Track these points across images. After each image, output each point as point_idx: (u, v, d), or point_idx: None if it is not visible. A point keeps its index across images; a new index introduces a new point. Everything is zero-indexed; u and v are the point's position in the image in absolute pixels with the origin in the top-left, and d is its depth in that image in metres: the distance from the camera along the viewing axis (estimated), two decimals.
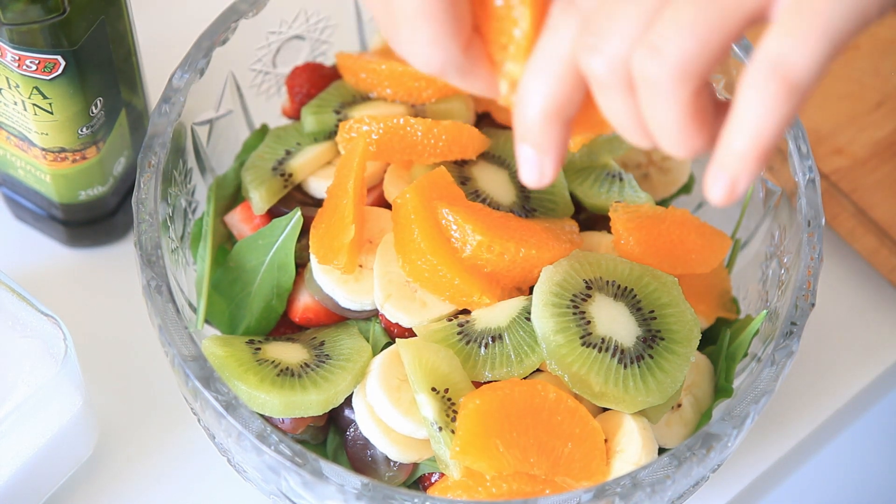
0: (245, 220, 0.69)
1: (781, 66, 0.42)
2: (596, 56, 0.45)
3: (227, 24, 0.68)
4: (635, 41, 0.44)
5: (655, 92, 0.44)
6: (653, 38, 0.43)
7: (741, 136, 0.43)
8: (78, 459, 0.71)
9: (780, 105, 0.42)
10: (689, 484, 0.59)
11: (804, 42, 0.41)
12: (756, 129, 0.43)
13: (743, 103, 0.43)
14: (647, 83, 0.44)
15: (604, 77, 0.45)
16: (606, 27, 0.44)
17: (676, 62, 0.43)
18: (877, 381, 0.77)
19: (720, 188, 0.45)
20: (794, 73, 0.42)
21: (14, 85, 0.66)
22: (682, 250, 0.66)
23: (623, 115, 0.46)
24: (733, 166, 0.44)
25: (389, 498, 0.55)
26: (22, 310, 0.64)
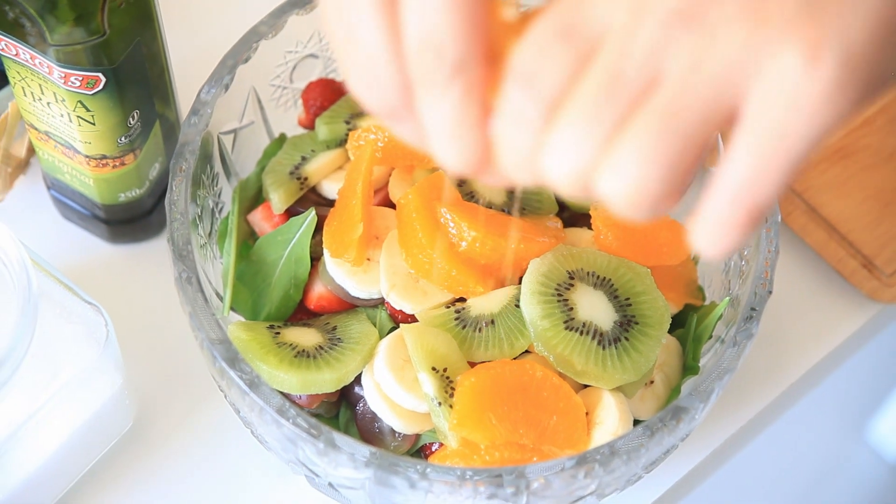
0: (266, 219, 0.69)
1: (745, 194, 0.37)
2: (555, 164, 0.39)
3: (250, 45, 0.68)
4: (599, 152, 0.38)
5: (622, 206, 0.39)
6: (613, 161, 0.38)
7: (705, 244, 0.39)
8: (119, 430, 0.70)
9: (742, 225, 0.38)
10: (660, 451, 0.59)
11: (769, 172, 0.37)
12: (720, 243, 0.39)
13: (708, 219, 0.39)
14: (612, 199, 0.39)
15: (560, 182, 0.40)
16: (570, 132, 0.38)
17: (637, 188, 0.38)
18: (826, 359, 0.77)
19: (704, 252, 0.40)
20: (757, 199, 0.38)
21: (61, 99, 0.66)
22: (655, 244, 0.66)
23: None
24: (709, 240, 0.39)
25: (395, 465, 0.55)
26: (68, 299, 0.64)
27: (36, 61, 0.64)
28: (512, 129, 0.39)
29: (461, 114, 0.40)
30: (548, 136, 0.39)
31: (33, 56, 0.64)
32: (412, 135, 0.43)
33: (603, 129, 0.38)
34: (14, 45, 0.64)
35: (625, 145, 0.37)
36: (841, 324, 0.77)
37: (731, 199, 0.38)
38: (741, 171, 0.37)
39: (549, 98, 0.38)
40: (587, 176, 0.39)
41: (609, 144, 0.38)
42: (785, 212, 0.79)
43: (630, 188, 0.38)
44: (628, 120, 0.37)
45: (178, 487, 0.70)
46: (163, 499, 0.70)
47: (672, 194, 0.38)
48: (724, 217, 0.38)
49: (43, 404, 0.61)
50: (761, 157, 0.37)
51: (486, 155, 0.41)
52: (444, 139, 0.41)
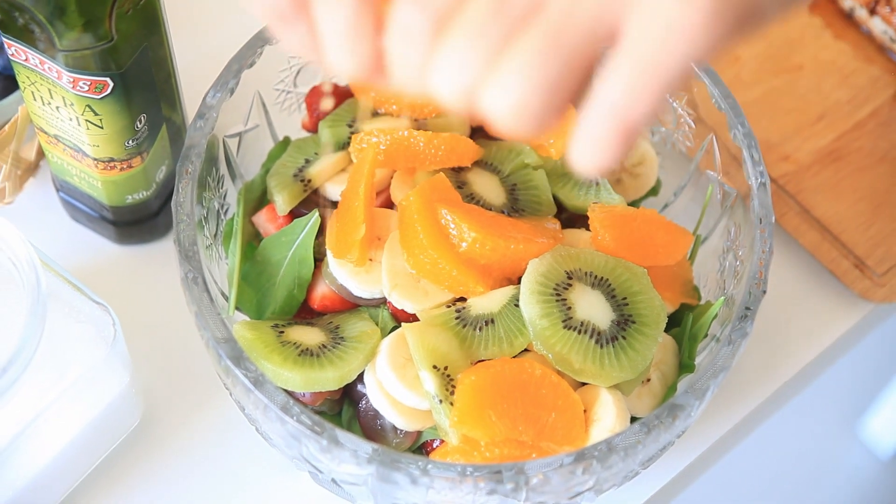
0: (270, 220, 0.69)
1: (619, 111, 0.38)
2: (442, 79, 0.40)
3: (254, 50, 0.68)
4: (484, 68, 0.39)
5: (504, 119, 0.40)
6: (498, 78, 0.39)
7: (581, 159, 0.40)
8: (127, 427, 0.70)
9: (617, 142, 0.39)
10: (657, 448, 0.59)
11: (643, 93, 0.38)
12: (594, 158, 0.40)
13: (584, 134, 0.39)
14: (495, 114, 0.40)
15: (447, 98, 0.40)
16: (457, 49, 0.39)
17: (520, 104, 0.39)
18: (819, 357, 0.77)
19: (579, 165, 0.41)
20: (631, 117, 0.38)
21: (69, 103, 0.66)
22: (651, 245, 0.66)
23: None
24: (585, 155, 0.40)
25: (396, 461, 0.55)
26: (76, 298, 0.64)
27: (45, 66, 0.64)
28: (402, 42, 0.40)
29: (356, 21, 0.41)
30: (435, 52, 0.39)
31: (42, 61, 0.64)
32: (300, 41, 0.43)
33: (488, 46, 0.38)
34: (24, 51, 0.64)
35: (508, 63, 0.38)
36: (834, 323, 0.78)
37: (606, 116, 0.38)
38: (617, 90, 0.38)
39: (438, 14, 0.39)
40: (473, 92, 0.39)
41: (494, 62, 0.39)
42: (779, 213, 0.79)
43: (513, 105, 0.39)
44: (513, 39, 0.38)
45: (184, 483, 0.70)
46: (169, 494, 0.70)
47: (555, 112, 0.39)
48: (600, 134, 0.39)
49: (52, 402, 0.61)
50: (637, 77, 0.38)
51: (379, 63, 0.42)
52: (338, 45, 0.41)
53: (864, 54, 0.87)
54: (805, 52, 0.87)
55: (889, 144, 0.83)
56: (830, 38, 0.88)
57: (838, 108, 0.85)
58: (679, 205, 0.74)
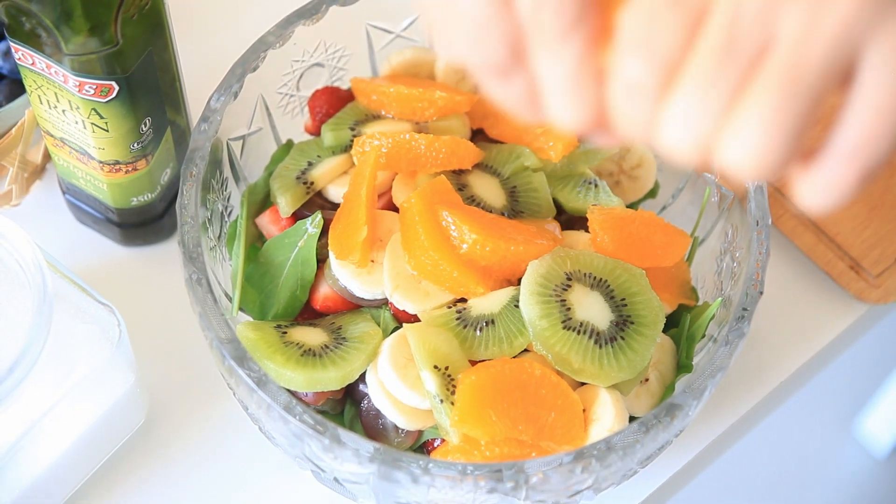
0: (273, 222, 0.68)
1: (860, 153, 0.37)
2: (674, 132, 0.38)
3: (258, 54, 0.68)
4: (720, 118, 0.37)
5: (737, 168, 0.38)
6: (735, 127, 0.37)
7: (814, 200, 0.39)
8: (132, 427, 0.70)
9: (854, 183, 0.38)
10: (655, 447, 0.59)
11: (884, 133, 0.36)
12: (829, 199, 0.39)
13: (822, 177, 0.38)
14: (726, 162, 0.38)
15: (680, 151, 0.39)
16: (689, 100, 0.37)
17: (761, 153, 0.37)
18: (815, 357, 0.77)
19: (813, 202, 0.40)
20: (870, 159, 0.37)
21: (75, 107, 0.66)
22: (649, 246, 0.65)
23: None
24: (820, 196, 0.39)
25: (398, 460, 0.55)
26: (82, 299, 0.64)
27: (51, 70, 0.64)
28: (628, 96, 0.38)
29: (579, 69, 0.39)
30: (665, 104, 0.38)
31: (49, 65, 0.64)
32: (518, 93, 0.41)
33: (721, 94, 0.37)
34: (30, 55, 0.64)
35: (746, 110, 0.37)
36: (829, 323, 0.77)
37: (846, 158, 0.37)
38: (857, 131, 0.37)
39: (664, 65, 0.37)
40: (707, 143, 0.38)
41: (729, 110, 0.37)
42: (775, 215, 0.79)
43: (754, 154, 0.37)
44: (746, 84, 0.37)
45: (188, 481, 0.70)
46: (173, 492, 0.70)
47: (794, 155, 0.38)
48: (838, 175, 0.38)
49: (58, 401, 0.61)
50: (876, 118, 0.36)
51: (602, 114, 0.40)
52: (560, 95, 0.40)
53: None
54: None
55: None
56: None
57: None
58: (677, 207, 0.74)
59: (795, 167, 0.39)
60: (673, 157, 0.39)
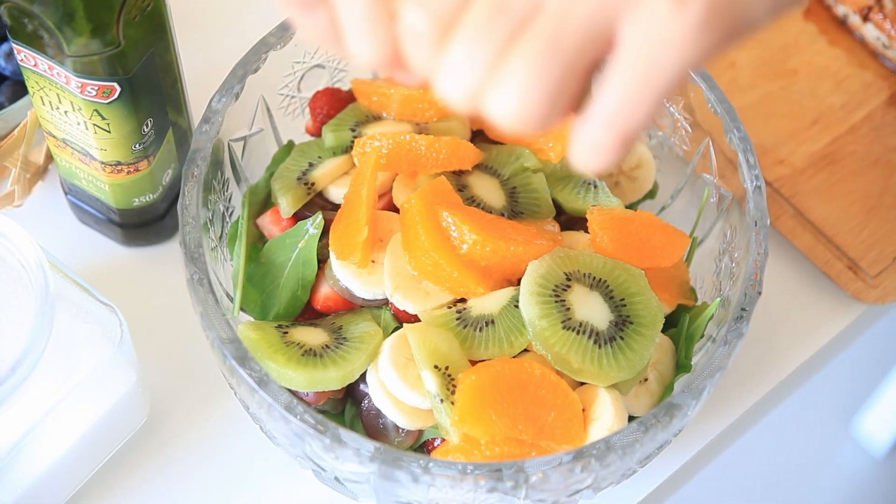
0: (274, 223, 0.69)
1: (617, 119, 0.39)
2: (447, 81, 0.40)
3: (259, 55, 0.68)
4: (487, 71, 0.39)
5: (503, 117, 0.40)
6: (500, 82, 0.39)
7: (580, 161, 0.41)
8: (134, 426, 0.70)
9: (614, 148, 0.40)
10: (654, 447, 0.59)
11: (639, 102, 0.38)
12: (593, 162, 0.40)
13: (583, 140, 0.40)
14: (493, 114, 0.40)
15: (452, 99, 0.41)
16: (459, 52, 0.39)
17: (521, 108, 0.39)
18: (813, 357, 0.77)
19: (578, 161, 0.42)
20: (628, 125, 0.39)
21: (77, 108, 0.66)
22: (648, 247, 0.65)
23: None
24: (584, 159, 0.41)
25: (398, 460, 0.55)
26: (84, 299, 0.64)
27: (54, 72, 0.64)
28: (409, 41, 0.41)
29: (372, 8, 0.41)
30: (440, 55, 0.40)
31: (51, 67, 0.64)
32: (320, 30, 0.43)
33: (489, 51, 0.39)
34: (33, 56, 0.64)
35: (510, 68, 0.39)
36: (828, 323, 0.77)
37: (604, 123, 0.39)
38: (614, 99, 0.39)
39: (440, 17, 0.39)
40: (477, 94, 0.40)
41: (496, 66, 0.39)
42: (774, 216, 0.79)
43: (515, 108, 0.39)
44: (513, 44, 0.39)
45: (189, 480, 0.70)
46: (175, 491, 0.70)
47: (557, 114, 0.40)
48: (599, 139, 0.40)
49: (60, 401, 0.61)
50: (632, 87, 0.38)
51: (397, 53, 0.42)
52: (356, 31, 0.42)
53: (858, 60, 0.87)
54: (799, 58, 0.87)
55: (882, 148, 0.83)
56: (824, 43, 0.88)
57: (832, 113, 0.84)
58: (676, 207, 0.74)
59: (565, 124, 0.40)
60: (449, 104, 0.41)
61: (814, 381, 0.84)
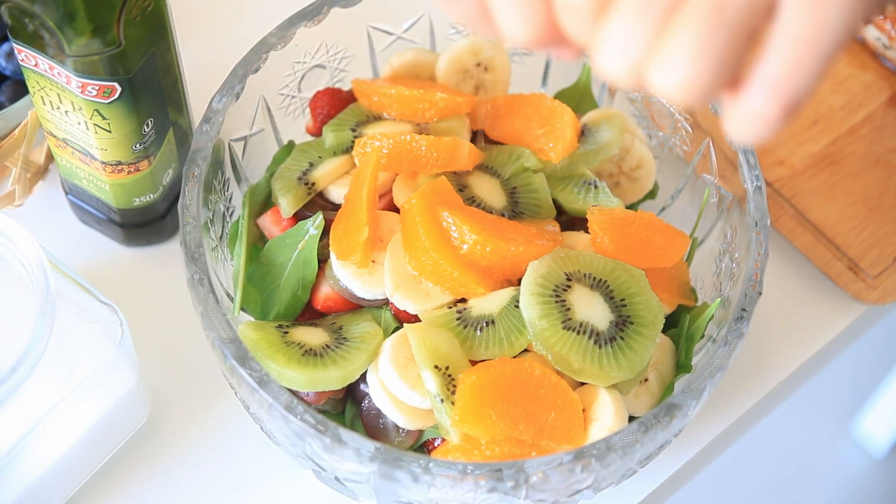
0: (275, 223, 0.68)
1: (781, 87, 0.38)
2: (607, 58, 0.40)
3: (259, 56, 0.68)
4: (650, 45, 0.39)
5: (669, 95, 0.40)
6: (664, 56, 0.38)
7: (740, 133, 0.40)
8: (134, 426, 0.70)
9: (778, 116, 0.39)
10: (655, 447, 0.59)
11: (803, 68, 0.38)
12: (755, 132, 0.40)
13: (746, 110, 0.39)
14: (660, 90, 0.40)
15: (614, 75, 0.40)
16: (620, 26, 0.38)
17: (689, 80, 0.39)
18: (814, 358, 0.77)
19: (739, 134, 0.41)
20: (792, 93, 0.38)
21: (78, 108, 0.66)
22: (649, 247, 0.65)
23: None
24: (746, 130, 0.40)
25: (399, 460, 0.55)
26: (84, 299, 0.64)
27: (54, 71, 0.64)
28: (567, 17, 0.40)
29: None
30: (600, 28, 0.39)
31: (52, 66, 0.64)
32: (470, 9, 0.42)
33: (651, 22, 0.38)
34: (34, 56, 0.64)
35: (674, 40, 0.38)
36: (828, 324, 0.77)
37: (767, 92, 0.38)
38: (777, 66, 0.38)
39: None
40: (639, 69, 0.39)
41: (658, 39, 0.38)
42: (774, 216, 0.79)
43: (682, 81, 0.38)
44: (674, 14, 0.38)
45: (189, 480, 0.70)
46: (175, 490, 0.70)
47: (721, 84, 0.39)
48: (761, 109, 0.39)
49: (60, 400, 0.61)
50: (796, 53, 0.38)
51: (554, 28, 0.41)
52: (508, 10, 0.41)
53: (858, 60, 0.87)
54: None
55: (882, 149, 0.83)
56: None
57: (832, 114, 0.84)
58: (676, 208, 0.74)
59: (724, 97, 0.40)
60: (611, 80, 0.40)
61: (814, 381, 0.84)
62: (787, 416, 1.58)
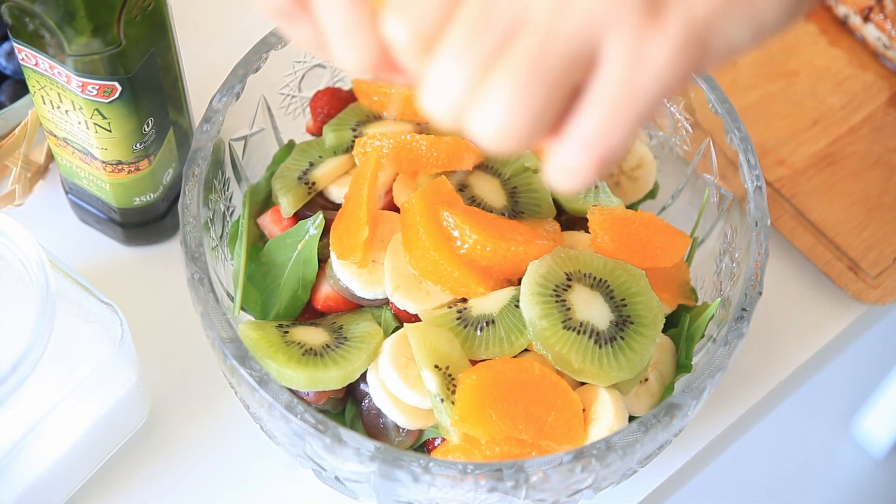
0: (275, 222, 0.68)
1: (595, 141, 0.38)
2: (429, 97, 0.39)
3: (260, 55, 0.68)
4: (470, 89, 0.38)
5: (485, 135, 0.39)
6: (482, 101, 0.38)
7: (557, 181, 0.40)
8: (134, 425, 0.70)
9: (590, 170, 0.39)
10: (655, 446, 0.59)
11: (618, 125, 0.38)
12: (568, 182, 0.40)
13: (559, 161, 0.39)
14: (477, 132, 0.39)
15: (435, 114, 0.40)
16: (442, 68, 0.38)
17: (504, 128, 0.38)
18: (814, 358, 0.77)
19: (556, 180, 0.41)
20: (605, 148, 0.39)
21: (78, 107, 0.66)
22: (649, 247, 0.65)
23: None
24: (559, 179, 0.41)
25: (399, 459, 0.55)
26: (85, 299, 0.64)
27: (55, 71, 0.64)
28: (394, 49, 0.40)
29: (352, 14, 0.40)
30: (424, 65, 0.39)
31: (52, 66, 0.64)
32: (306, 38, 0.43)
33: (472, 67, 0.38)
34: (34, 56, 0.64)
35: (493, 87, 0.38)
36: (828, 324, 0.77)
37: (582, 145, 0.39)
38: (593, 120, 0.38)
39: (422, 31, 0.39)
40: (459, 112, 0.39)
41: (479, 83, 0.38)
42: (774, 216, 0.79)
43: (497, 128, 0.38)
44: (496, 60, 0.38)
45: (190, 480, 0.70)
46: (175, 490, 0.70)
47: (538, 133, 0.39)
48: (576, 161, 0.39)
49: (61, 400, 0.61)
50: (611, 109, 0.38)
51: (385, 58, 0.41)
52: (340, 39, 0.41)
53: (858, 60, 0.87)
54: (800, 59, 0.87)
55: (882, 149, 0.83)
56: (825, 44, 0.88)
57: (833, 114, 0.84)
58: (676, 208, 0.74)
59: (543, 143, 0.40)
60: (432, 119, 0.40)
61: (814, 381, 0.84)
62: (787, 416, 1.58)
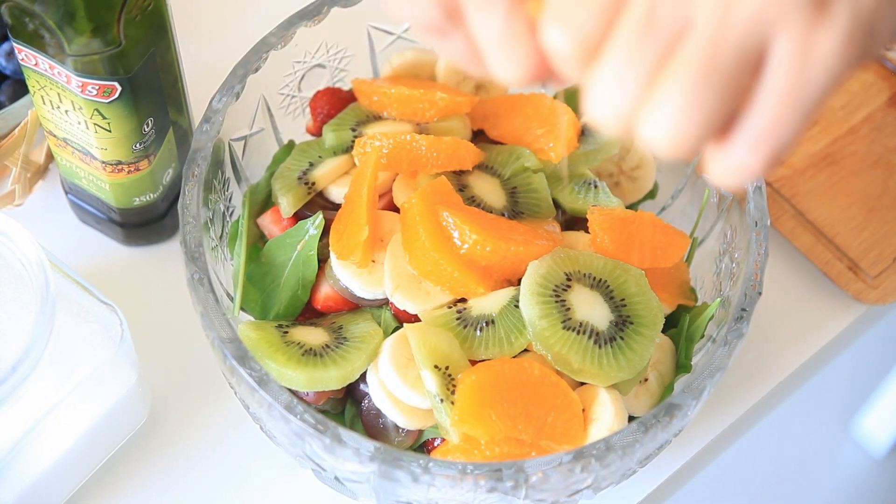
0: (275, 222, 0.69)
1: (764, 139, 0.38)
2: (598, 105, 0.39)
3: (260, 55, 0.68)
4: (639, 95, 0.38)
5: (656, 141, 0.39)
6: (654, 107, 0.38)
7: (722, 179, 0.40)
8: (134, 425, 0.70)
9: (760, 168, 0.39)
10: (654, 447, 0.59)
11: (788, 120, 0.38)
12: (736, 179, 0.40)
13: (729, 158, 0.39)
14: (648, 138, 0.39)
15: (604, 122, 0.40)
16: (609, 75, 0.38)
17: (678, 133, 0.38)
18: (813, 358, 0.77)
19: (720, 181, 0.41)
20: (776, 145, 0.39)
21: (78, 107, 0.66)
22: (649, 247, 0.65)
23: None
24: (727, 176, 0.40)
25: (398, 460, 0.55)
26: (85, 299, 0.64)
27: (55, 71, 0.64)
28: (557, 59, 0.39)
29: (509, 25, 0.40)
30: (589, 74, 0.39)
31: (52, 66, 0.64)
32: (459, 51, 0.43)
33: (640, 73, 0.38)
34: (34, 56, 0.64)
35: (664, 92, 0.37)
36: (828, 324, 0.77)
37: (752, 144, 0.38)
38: (763, 119, 0.38)
39: (585, 39, 0.38)
40: (629, 118, 0.39)
41: (648, 88, 0.38)
42: (774, 216, 0.79)
43: (671, 132, 0.38)
44: (664, 65, 0.37)
45: (189, 479, 0.70)
46: (175, 490, 0.70)
47: (709, 137, 0.39)
48: (746, 160, 0.39)
49: (61, 400, 0.61)
50: (782, 106, 0.38)
51: (543, 67, 0.41)
52: (496, 51, 0.41)
53: None
54: None
55: (882, 149, 0.83)
56: None
57: (832, 114, 0.84)
58: (676, 208, 0.74)
59: (710, 145, 0.40)
60: (600, 126, 0.40)
61: (814, 381, 0.84)
62: (787, 416, 1.58)
